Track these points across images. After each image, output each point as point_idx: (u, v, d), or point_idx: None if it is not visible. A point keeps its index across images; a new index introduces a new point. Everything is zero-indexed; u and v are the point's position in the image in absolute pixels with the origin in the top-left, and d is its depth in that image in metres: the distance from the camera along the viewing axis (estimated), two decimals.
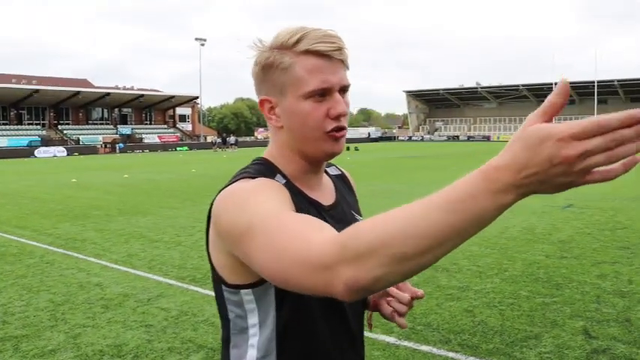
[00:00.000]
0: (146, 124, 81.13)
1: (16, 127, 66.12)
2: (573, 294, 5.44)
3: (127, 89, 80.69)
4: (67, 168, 30.83)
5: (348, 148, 51.07)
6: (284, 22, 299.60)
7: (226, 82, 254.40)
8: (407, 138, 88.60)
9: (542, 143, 0.70)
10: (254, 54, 1.25)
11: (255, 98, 1.31)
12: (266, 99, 1.25)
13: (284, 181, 1.23)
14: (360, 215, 1.42)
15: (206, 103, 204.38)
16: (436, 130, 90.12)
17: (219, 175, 22.08)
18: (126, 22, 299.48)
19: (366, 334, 4.34)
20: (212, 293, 1.80)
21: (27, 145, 59.02)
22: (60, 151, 56.20)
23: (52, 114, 70.17)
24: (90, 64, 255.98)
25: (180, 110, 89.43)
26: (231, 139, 60.79)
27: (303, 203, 1.21)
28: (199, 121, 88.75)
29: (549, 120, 0.73)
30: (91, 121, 76.34)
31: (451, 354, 4.06)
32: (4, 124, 65.97)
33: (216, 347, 4.34)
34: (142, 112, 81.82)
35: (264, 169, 1.25)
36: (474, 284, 5.80)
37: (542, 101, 0.75)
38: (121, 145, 62.91)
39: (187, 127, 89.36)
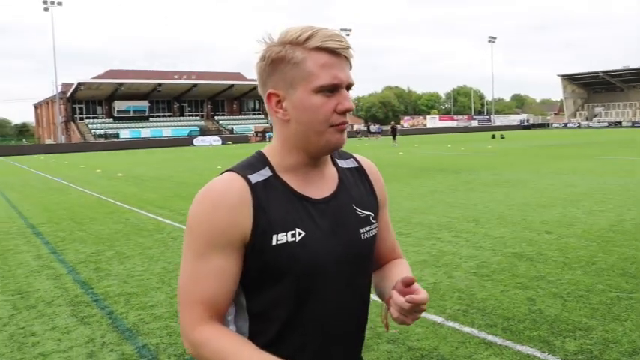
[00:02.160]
0: None
1: (178, 118, 72.54)
2: None
3: None
4: (218, 156, 33.41)
5: (493, 136, 49.36)
6: (429, 7, 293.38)
7: (375, 71, 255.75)
8: (562, 125, 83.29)
9: None
10: (261, 49, 1.30)
11: (404, 87, 1.58)
12: (273, 92, 1.29)
13: (269, 174, 1.31)
14: (368, 210, 1.43)
15: (355, 92, 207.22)
16: (595, 116, 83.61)
17: None
18: (278, 15, 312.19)
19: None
20: None
21: (187, 135, 64.56)
22: (215, 140, 60.60)
23: (209, 106, 75.89)
24: (243, 57, 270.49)
25: None
26: (375, 127, 61.37)
27: (285, 196, 1.30)
28: None
29: None
30: (243, 112, 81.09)
31: (489, 337, 4.21)
32: (168, 115, 72.53)
33: None
34: None
35: (255, 162, 1.34)
36: (551, 275, 5.76)
37: None
38: (270, 134, 65.70)
39: None
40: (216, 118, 75.34)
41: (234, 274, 1.26)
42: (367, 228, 1.41)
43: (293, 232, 1.27)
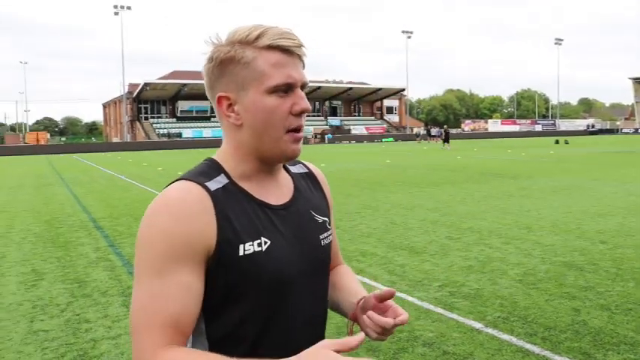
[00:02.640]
0: (354, 115, 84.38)
1: None
2: None
3: (337, 82, 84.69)
4: None
5: (557, 142, 47.87)
6: (492, 6, 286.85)
7: (436, 74, 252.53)
8: (632, 131, 79.88)
9: None
10: (208, 49, 1.22)
11: (466, 90, 1.50)
12: (224, 95, 1.21)
13: (226, 181, 1.22)
14: (323, 216, 1.39)
15: (415, 94, 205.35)
16: None
17: (410, 166, 22.66)
18: (336, 16, 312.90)
19: (453, 316, 4.63)
20: None
21: None
22: None
23: None
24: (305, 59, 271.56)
25: (387, 102, 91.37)
26: (435, 130, 60.71)
27: (247, 203, 1.22)
28: (406, 113, 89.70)
29: (339, 352, 0.96)
30: None
31: (528, 345, 4.15)
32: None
33: None
34: (351, 105, 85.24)
35: (207, 169, 1.24)
36: (600, 286, 5.60)
37: None
38: (330, 135, 66.38)
39: (394, 118, 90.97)
40: None
41: (199, 290, 1.14)
42: (325, 234, 1.36)
43: (259, 241, 1.19)
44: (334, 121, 77.79)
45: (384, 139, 68.33)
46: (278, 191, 1.30)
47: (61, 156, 46.53)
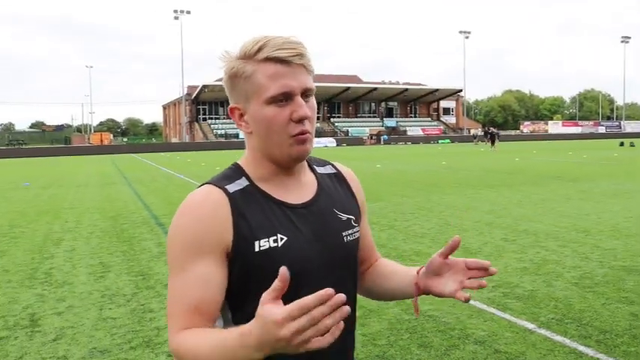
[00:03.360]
0: (411, 117, 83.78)
1: None
2: None
3: (393, 84, 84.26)
4: (331, 157, 33.54)
5: (621, 144, 46.16)
6: (553, 3, 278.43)
7: (494, 74, 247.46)
8: None
9: (266, 325, 0.96)
10: (223, 65, 1.32)
11: (526, 91, 1.57)
12: (235, 107, 1.34)
13: (246, 184, 1.33)
14: (349, 214, 1.44)
15: (473, 95, 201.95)
16: None
17: (466, 168, 22.40)
18: (394, 17, 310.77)
19: (505, 316, 4.64)
20: None
21: None
22: (330, 142, 61.69)
23: (325, 108, 77.18)
24: (360, 60, 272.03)
25: (444, 103, 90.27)
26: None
27: (265, 203, 1.31)
28: (463, 114, 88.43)
29: (277, 298, 0.99)
30: (359, 114, 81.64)
31: (581, 347, 4.13)
32: None
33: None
34: (407, 106, 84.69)
35: (231, 173, 1.36)
36: None
37: None
38: (385, 137, 66.18)
39: (451, 120, 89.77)
40: (332, 120, 76.63)
41: (218, 282, 1.26)
42: (349, 231, 1.41)
43: (275, 237, 1.27)
44: (390, 122, 77.45)
45: (440, 141, 67.59)
46: (299, 191, 1.37)
47: (123, 156, 48.28)
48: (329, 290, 0.96)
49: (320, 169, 1.48)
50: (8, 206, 13.64)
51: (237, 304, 1.31)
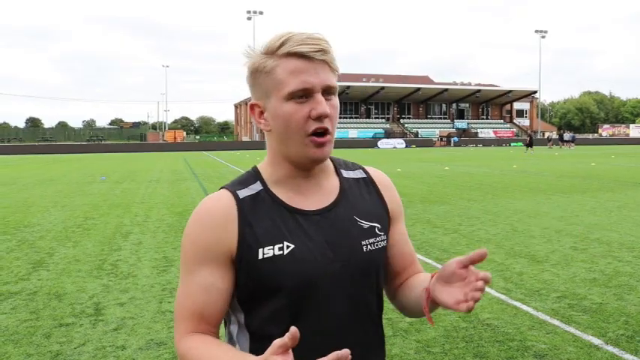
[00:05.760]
0: (482, 118, 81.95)
1: (365, 120, 74.37)
2: None
3: (464, 85, 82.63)
4: (399, 159, 33.76)
5: None
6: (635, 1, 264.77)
7: (571, 75, 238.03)
8: None
9: None
10: (246, 61, 1.30)
11: (605, 92, 1.40)
12: (255, 104, 1.31)
13: (260, 188, 1.31)
14: (373, 222, 1.37)
15: (548, 97, 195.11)
16: None
17: (538, 172, 21.63)
18: (467, 17, 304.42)
19: (570, 329, 4.41)
20: None
21: (372, 137, 65.71)
22: (399, 142, 61.17)
23: (395, 108, 76.68)
24: (431, 60, 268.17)
25: (517, 105, 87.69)
26: (567, 135, 57.29)
27: (275, 209, 1.29)
28: (537, 117, 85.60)
29: (286, 351, 1.01)
30: (429, 116, 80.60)
31: None
32: (355, 117, 74.75)
33: None
34: (479, 107, 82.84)
35: (247, 176, 1.35)
36: None
37: None
38: (456, 138, 64.97)
39: (524, 122, 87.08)
40: (401, 121, 75.98)
41: (221, 288, 1.27)
42: (371, 240, 1.34)
43: (281, 245, 1.25)
44: (461, 123, 75.95)
45: (512, 144, 65.69)
46: (317, 195, 1.34)
47: (195, 153, 49.65)
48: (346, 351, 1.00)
49: (346, 173, 1.42)
50: (84, 199, 14.28)
51: (248, 309, 1.31)
